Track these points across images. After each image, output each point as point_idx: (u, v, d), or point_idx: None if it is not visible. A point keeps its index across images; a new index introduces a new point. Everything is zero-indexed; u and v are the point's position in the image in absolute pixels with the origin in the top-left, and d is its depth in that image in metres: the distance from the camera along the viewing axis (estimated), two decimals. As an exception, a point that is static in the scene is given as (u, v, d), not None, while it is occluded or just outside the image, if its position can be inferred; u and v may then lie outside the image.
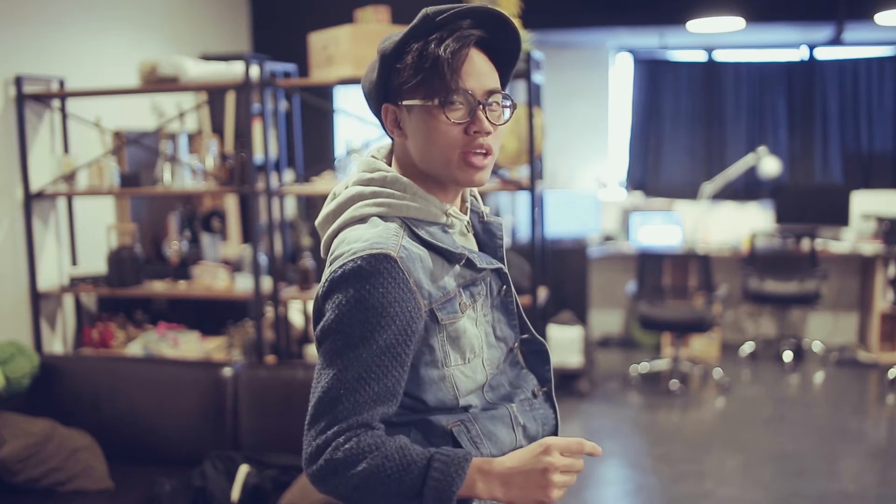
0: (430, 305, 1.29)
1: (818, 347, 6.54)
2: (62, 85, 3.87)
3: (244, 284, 3.69)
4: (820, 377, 6.04)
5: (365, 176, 1.37)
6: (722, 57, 6.95)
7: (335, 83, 3.61)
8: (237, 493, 2.88)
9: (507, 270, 1.45)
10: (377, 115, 1.39)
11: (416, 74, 1.29)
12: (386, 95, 1.35)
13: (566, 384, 5.54)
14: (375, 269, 1.24)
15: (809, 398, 5.61)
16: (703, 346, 6.29)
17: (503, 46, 1.36)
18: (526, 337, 1.49)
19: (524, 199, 6.07)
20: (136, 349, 3.75)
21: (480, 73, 1.31)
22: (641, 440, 4.93)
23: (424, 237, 1.32)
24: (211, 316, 4.15)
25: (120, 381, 3.34)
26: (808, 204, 6.58)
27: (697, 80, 6.99)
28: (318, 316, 1.30)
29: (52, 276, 3.87)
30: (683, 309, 5.91)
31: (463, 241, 1.40)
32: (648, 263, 5.89)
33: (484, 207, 1.50)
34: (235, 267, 3.99)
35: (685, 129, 7.05)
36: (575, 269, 6.13)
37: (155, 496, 2.90)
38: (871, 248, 6.18)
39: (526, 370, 1.48)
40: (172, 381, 3.31)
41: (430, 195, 1.35)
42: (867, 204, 6.61)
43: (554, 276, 5.66)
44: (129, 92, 3.78)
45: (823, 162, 6.87)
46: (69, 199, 3.92)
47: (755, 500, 3.98)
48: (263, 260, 3.66)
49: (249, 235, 4.10)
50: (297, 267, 3.91)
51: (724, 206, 6.88)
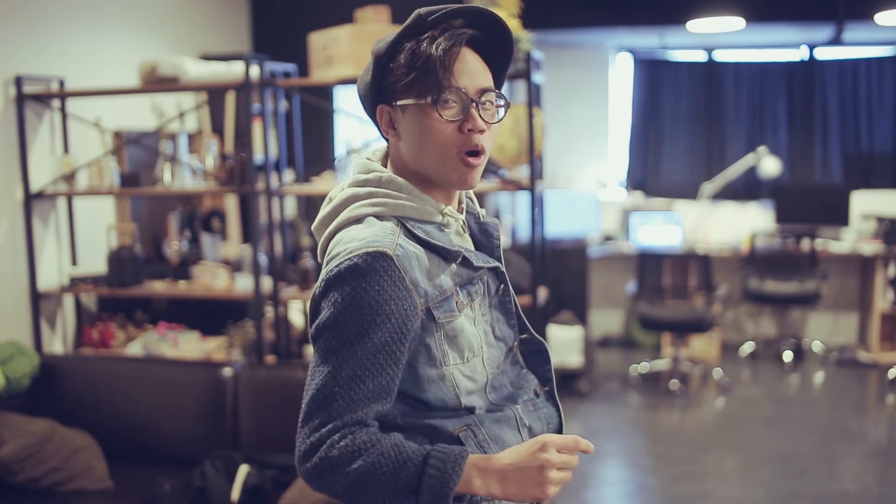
0: (426, 304, 1.29)
1: (818, 347, 6.54)
2: (62, 85, 3.87)
3: (244, 284, 3.70)
4: (820, 377, 6.04)
5: (360, 177, 1.38)
6: (722, 57, 6.95)
7: (335, 83, 3.62)
8: (237, 493, 2.88)
9: (504, 270, 1.45)
10: (372, 117, 1.39)
11: (408, 73, 1.30)
12: (380, 96, 1.36)
13: (566, 384, 5.54)
14: (371, 267, 1.24)
15: (809, 398, 5.61)
16: (703, 346, 6.29)
17: (496, 46, 1.36)
18: (525, 337, 1.49)
19: (524, 199, 6.07)
20: (136, 349, 3.75)
21: (473, 71, 1.32)
22: (641, 440, 4.93)
23: (420, 235, 1.32)
24: (211, 316, 4.15)
25: (120, 381, 3.34)
26: (808, 204, 6.57)
27: (697, 80, 6.99)
28: (314, 315, 1.31)
29: (52, 276, 3.87)
30: (683, 309, 5.91)
31: (459, 240, 1.40)
32: (648, 263, 5.89)
33: (480, 209, 1.50)
34: (235, 267, 3.99)
35: (685, 129, 7.05)
36: (575, 269, 6.14)
37: (155, 496, 2.90)
38: (871, 248, 6.18)
39: (526, 370, 1.48)
40: (172, 381, 3.31)
41: (425, 195, 1.35)
42: (867, 204, 6.61)
43: (554, 276, 5.66)
44: (129, 92, 3.78)
45: (823, 162, 6.87)
46: (69, 199, 3.92)
47: (755, 500, 3.98)
48: (263, 260, 3.66)
49: (249, 235, 4.10)
50: (297, 267, 3.91)
51: (724, 206, 6.88)
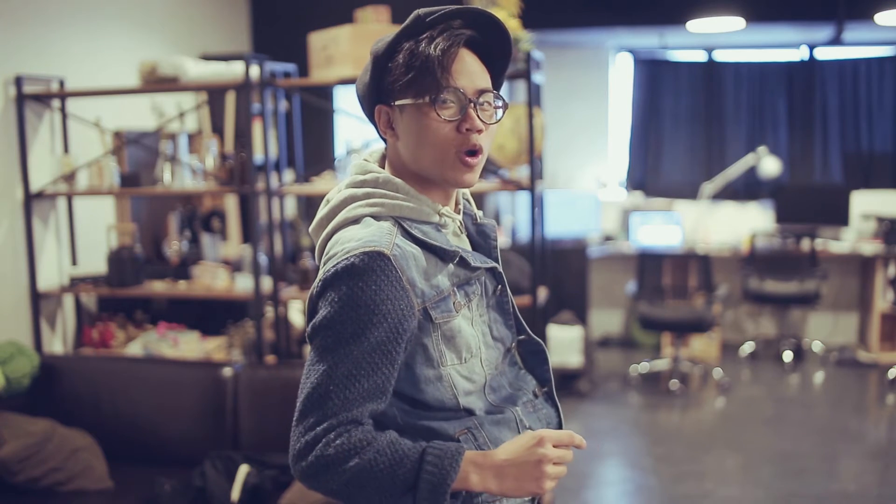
0: (423, 304, 1.29)
1: (818, 347, 6.54)
2: (62, 85, 3.87)
3: (244, 284, 3.69)
4: (820, 377, 6.04)
5: (357, 178, 1.38)
6: (722, 57, 6.95)
7: (335, 83, 3.62)
8: (237, 493, 2.88)
9: (501, 270, 1.45)
10: (370, 117, 1.39)
11: (407, 73, 1.30)
12: (379, 96, 1.36)
13: (566, 384, 5.54)
14: (368, 266, 1.24)
15: (809, 398, 5.61)
16: (703, 346, 6.29)
17: (495, 48, 1.36)
18: (523, 338, 1.49)
19: (524, 199, 6.07)
20: (136, 349, 3.75)
21: (471, 71, 1.32)
22: (641, 440, 4.93)
23: (418, 236, 1.32)
24: (211, 316, 4.15)
25: (120, 381, 3.34)
26: (808, 204, 6.57)
27: (697, 80, 6.99)
28: (311, 314, 1.32)
29: (52, 276, 3.87)
30: (683, 309, 5.91)
31: (456, 241, 1.40)
32: (648, 263, 5.89)
33: (477, 210, 1.51)
34: (235, 267, 3.99)
35: (685, 129, 7.05)
36: (575, 269, 6.14)
37: (155, 496, 2.91)
38: (871, 248, 6.18)
39: (524, 371, 1.48)
40: (172, 381, 3.31)
41: (422, 195, 1.35)
42: (867, 204, 6.61)
43: (554, 276, 5.66)
44: (129, 92, 3.78)
45: (823, 162, 6.87)
46: (69, 199, 3.92)
47: (755, 500, 3.98)
48: (263, 260, 3.66)
49: (249, 235, 4.10)
50: (297, 267, 3.91)
51: (724, 206, 6.88)
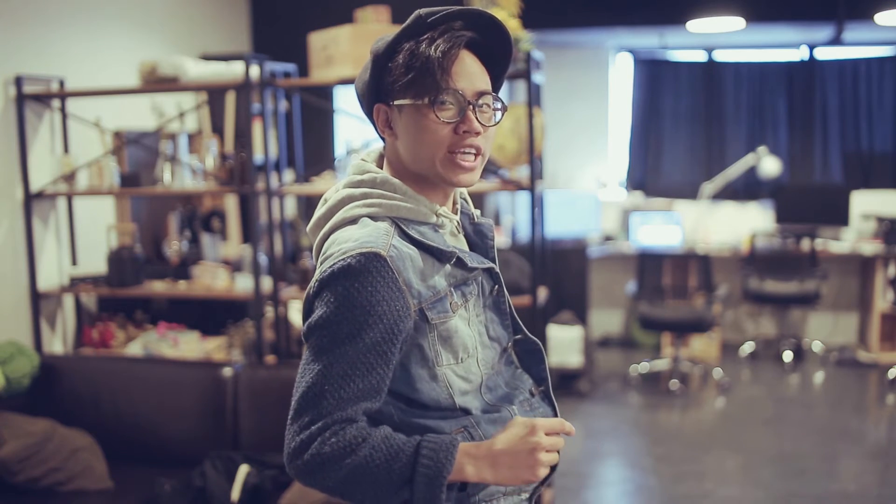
0: (419, 305, 1.30)
1: (818, 347, 6.54)
2: (62, 85, 3.87)
3: (244, 284, 3.70)
4: (820, 377, 6.04)
5: (355, 178, 1.38)
6: (722, 57, 6.95)
7: (335, 83, 3.62)
8: (237, 493, 2.88)
9: (498, 270, 1.45)
10: (369, 116, 1.39)
11: (406, 73, 1.30)
12: (378, 96, 1.36)
13: (566, 384, 5.54)
14: (365, 267, 1.24)
15: (809, 398, 5.61)
16: (703, 346, 6.29)
17: (495, 49, 1.37)
18: (519, 337, 1.49)
19: (524, 199, 6.07)
20: (136, 349, 3.75)
21: (471, 73, 1.32)
22: (641, 440, 4.93)
23: (415, 236, 1.32)
24: (211, 316, 4.15)
25: (120, 381, 3.34)
26: (808, 204, 6.57)
27: (697, 80, 6.99)
28: (307, 314, 1.31)
29: (52, 276, 3.87)
30: (683, 309, 5.91)
31: (453, 241, 1.41)
32: (648, 263, 5.89)
33: (474, 210, 1.51)
34: (235, 267, 3.99)
35: (685, 129, 7.05)
36: (575, 269, 6.14)
37: (155, 496, 2.90)
38: (871, 248, 6.18)
39: (521, 370, 1.49)
40: (172, 381, 3.31)
41: (420, 196, 1.35)
42: (867, 204, 6.61)
43: (554, 276, 5.66)
44: (129, 92, 3.78)
45: (823, 162, 6.87)
46: (69, 199, 3.92)
47: (755, 500, 3.98)
48: (263, 260, 3.66)
49: (249, 235, 4.10)
50: (297, 267, 3.91)
51: (724, 206, 6.88)
